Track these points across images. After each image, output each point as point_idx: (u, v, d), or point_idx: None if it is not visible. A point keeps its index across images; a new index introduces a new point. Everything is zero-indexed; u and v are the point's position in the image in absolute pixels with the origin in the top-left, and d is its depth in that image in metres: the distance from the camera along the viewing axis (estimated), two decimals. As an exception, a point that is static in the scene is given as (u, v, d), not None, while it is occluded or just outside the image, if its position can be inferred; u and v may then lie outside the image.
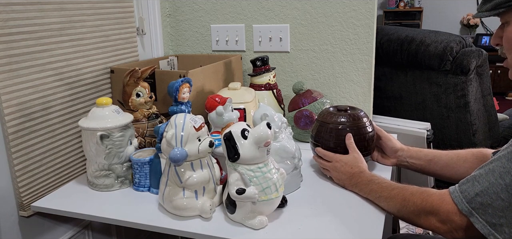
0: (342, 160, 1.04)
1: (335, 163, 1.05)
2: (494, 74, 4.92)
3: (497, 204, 0.70)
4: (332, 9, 1.46)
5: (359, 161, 1.02)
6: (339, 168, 1.04)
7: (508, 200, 0.68)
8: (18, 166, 1.03)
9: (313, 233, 0.86)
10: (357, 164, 1.02)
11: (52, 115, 1.12)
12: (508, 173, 0.69)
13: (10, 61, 0.99)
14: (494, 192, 0.70)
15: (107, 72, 1.31)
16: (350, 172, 1.01)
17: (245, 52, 1.61)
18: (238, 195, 0.84)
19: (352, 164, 1.02)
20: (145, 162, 1.05)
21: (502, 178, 0.69)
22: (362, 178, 0.98)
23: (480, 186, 0.73)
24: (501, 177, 0.69)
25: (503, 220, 0.69)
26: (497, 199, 0.69)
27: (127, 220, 0.94)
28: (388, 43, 2.18)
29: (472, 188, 0.74)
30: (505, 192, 0.68)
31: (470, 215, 0.73)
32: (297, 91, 1.40)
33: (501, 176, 0.70)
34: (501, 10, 0.78)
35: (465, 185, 0.76)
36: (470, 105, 1.96)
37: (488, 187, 0.71)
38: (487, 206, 0.71)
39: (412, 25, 5.22)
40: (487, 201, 0.71)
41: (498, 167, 0.71)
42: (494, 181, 0.70)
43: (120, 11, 1.35)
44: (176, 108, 1.09)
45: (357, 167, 1.01)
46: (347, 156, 1.04)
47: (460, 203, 0.75)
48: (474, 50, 1.95)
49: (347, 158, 1.04)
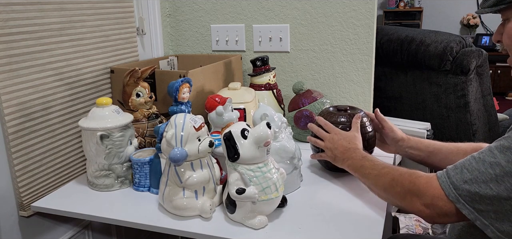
0: (342, 134, 1.04)
1: (333, 135, 1.06)
2: (494, 74, 4.93)
3: (485, 192, 0.71)
4: (332, 9, 1.46)
5: (358, 140, 1.03)
6: (336, 140, 1.04)
7: (496, 190, 0.69)
8: (18, 166, 1.03)
9: (313, 233, 0.86)
10: (354, 141, 1.02)
11: (52, 115, 1.12)
12: (498, 164, 0.70)
13: (10, 61, 0.99)
14: (483, 181, 0.71)
15: (107, 72, 1.31)
16: (346, 147, 1.02)
17: (245, 52, 1.61)
18: (238, 195, 0.84)
19: (350, 140, 1.03)
20: (145, 162, 1.05)
21: (492, 168, 0.70)
22: (357, 154, 0.99)
23: (469, 174, 0.73)
24: (491, 167, 0.71)
25: (490, 207, 0.71)
26: (486, 188, 0.71)
27: (127, 220, 0.94)
28: (388, 43, 2.18)
29: (461, 175, 0.75)
30: (494, 182, 0.70)
31: (456, 201, 0.74)
32: (297, 91, 1.40)
33: (491, 166, 0.71)
34: (502, 6, 0.79)
35: (453, 171, 0.77)
36: (470, 106, 1.96)
37: (477, 176, 0.72)
38: (475, 194, 0.72)
39: (412, 25, 5.22)
40: (475, 189, 0.72)
41: (489, 157, 0.72)
42: (484, 170, 0.71)
43: (120, 11, 1.35)
44: (176, 108, 1.09)
45: (353, 144, 1.02)
46: (348, 132, 1.05)
47: (447, 189, 0.76)
48: (474, 50, 1.95)
49: (347, 133, 1.05)
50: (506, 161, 0.69)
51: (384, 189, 0.89)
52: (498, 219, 0.71)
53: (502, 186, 0.69)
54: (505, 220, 0.70)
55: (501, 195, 0.69)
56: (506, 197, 0.69)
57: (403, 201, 0.83)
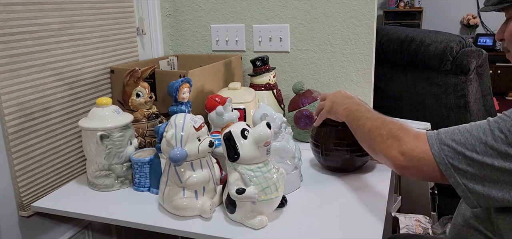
0: (346, 94, 1.06)
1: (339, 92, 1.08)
2: (494, 74, 4.93)
3: (470, 154, 0.72)
4: (332, 9, 1.46)
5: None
6: (336, 93, 1.07)
7: (481, 155, 0.71)
8: (18, 166, 1.03)
9: (313, 233, 0.86)
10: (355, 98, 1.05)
11: (52, 115, 1.12)
12: (491, 132, 0.71)
13: (10, 61, 0.99)
14: (471, 144, 0.72)
15: (107, 72, 1.31)
16: (345, 96, 1.04)
17: (245, 52, 1.61)
18: (238, 194, 0.84)
19: (350, 95, 1.05)
20: (145, 162, 1.05)
21: (484, 134, 0.72)
22: (355, 100, 1.02)
23: (460, 135, 0.75)
24: (483, 133, 0.72)
25: (469, 169, 0.72)
26: (472, 151, 0.72)
27: (127, 220, 0.94)
28: (388, 43, 2.18)
29: (451, 134, 0.76)
30: (482, 146, 0.71)
31: (437, 155, 0.75)
32: (297, 91, 1.40)
33: (484, 132, 0.72)
34: (505, 4, 0.80)
35: (444, 131, 0.78)
36: (470, 105, 1.96)
37: (467, 137, 0.73)
38: (459, 153, 0.73)
39: (412, 25, 5.22)
40: (460, 149, 0.73)
41: (484, 124, 0.73)
42: (476, 134, 0.73)
43: (120, 11, 1.35)
44: (176, 108, 1.09)
45: (353, 97, 1.04)
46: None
47: (433, 142, 0.77)
48: (474, 50, 1.94)
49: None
50: (499, 131, 0.70)
51: (368, 131, 0.90)
52: (472, 180, 0.73)
53: (489, 153, 0.70)
54: (479, 183, 0.72)
55: (485, 161, 0.71)
56: (489, 164, 0.70)
57: (382, 144, 0.84)
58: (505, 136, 0.69)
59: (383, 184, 1.05)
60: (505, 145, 0.69)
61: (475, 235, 0.84)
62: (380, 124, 0.88)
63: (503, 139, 0.69)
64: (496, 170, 0.70)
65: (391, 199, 1.56)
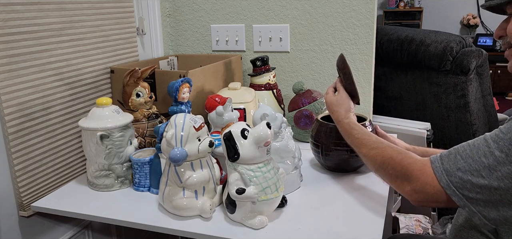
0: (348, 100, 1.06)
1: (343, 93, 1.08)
2: (494, 74, 4.92)
3: (476, 181, 0.72)
4: (332, 9, 1.46)
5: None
6: (343, 96, 1.07)
7: (488, 179, 0.71)
8: (18, 166, 1.03)
9: (313, 233, 0.86)
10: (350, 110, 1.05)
11: (52, 115, 1.12)
12: (491, 154, 0.71)
13: (10, 61, 0.99)
14: (475, 170, 0.72)
15: (107, 72, 1.31)
16: (350, 106, 1.05)
17: (245, 52, 1.61)
18: (238, 194, 0.84)
19: (352, 107, 1.05)
20: (145, 162, 1.05)
21: (485, 157, 0.71)
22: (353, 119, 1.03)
23: (463, 161, 0.74)
24: (485, 156, 0.72)
25: (479, 196, 0.72)
26: (478, 177, 0.72)
27: (127, 220, 0.94)
28: (388, 43, 2.17)
29: (454, 162, 0.76)
30: (487, 171, 0.71)
31: (447, 188, 0.75)
32: (297, 91, 1.40)
33: (485, 155, 0.72)
34: (507, 0, 0.79)
35: (447, 158, 0.78)
36: (470, 105, 1.96)
37: (470, 164, 0.73)
38: (466, 182, 0.73)
39: (412, 25, 5.22)
40: (467, 177, 0.73)
41: (483, 145, 0.73)
42: (477, 158, 0.72)
43: (120, 11, 1.35)
44: (176, 108, 1.09)
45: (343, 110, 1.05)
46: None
47: (440, 175, 0.77)
48: (474, 50, 1.94)
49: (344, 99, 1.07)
50: (500, 151, 0.70)
51: (375, 169, 0.91)
52: (486, 207, 0.72)
53: (494, 175, 0.70)
54: (493, 209, 0.72)
55: (492, 184, 0.70)
56: (496, 187, 0.70)
57: (394, 182, 0.86)
58: (505, 155, 0.69)
59: (383, 184, 1.05)
60: (508, 165, 0.68)
61: (477, 236, 0.84)
62: (381, 163, 0.88)
63: (504, 159, 0.69)
64: (505, 191, 0.69)
65: (391, 199, 1.56)
